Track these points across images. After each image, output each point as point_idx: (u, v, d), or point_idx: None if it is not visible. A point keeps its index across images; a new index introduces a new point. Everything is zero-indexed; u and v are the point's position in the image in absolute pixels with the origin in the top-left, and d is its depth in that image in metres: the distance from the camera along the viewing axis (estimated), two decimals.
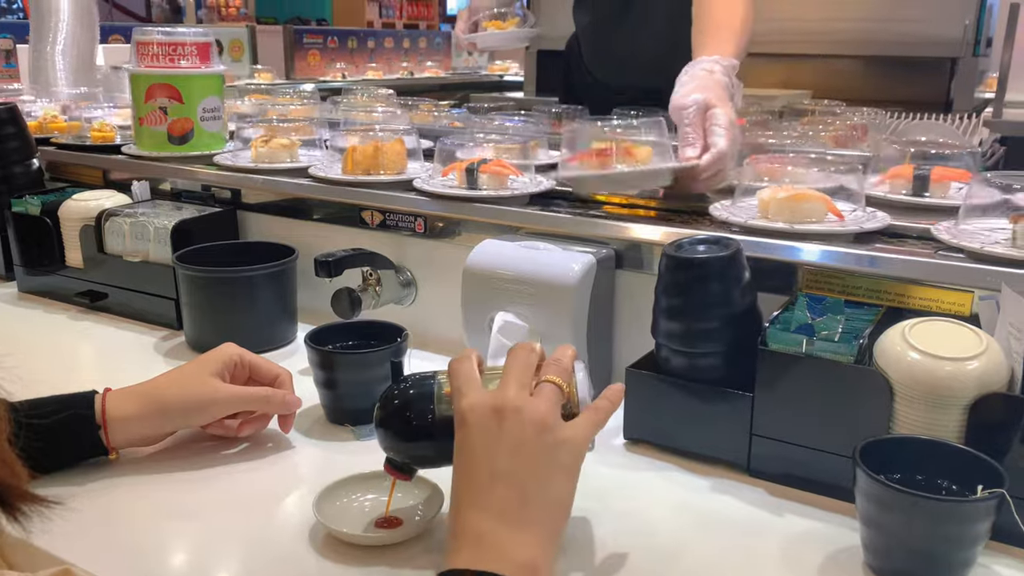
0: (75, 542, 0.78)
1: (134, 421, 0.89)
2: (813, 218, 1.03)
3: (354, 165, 1.33)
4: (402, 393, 0.78)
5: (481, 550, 0.64)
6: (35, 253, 1.46)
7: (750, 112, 1.76)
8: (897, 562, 0.73)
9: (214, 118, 1.54)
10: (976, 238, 0.95)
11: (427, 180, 1.28)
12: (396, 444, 0.78)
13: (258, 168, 1.43)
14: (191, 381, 0.92)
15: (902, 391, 0.79)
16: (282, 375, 0.96)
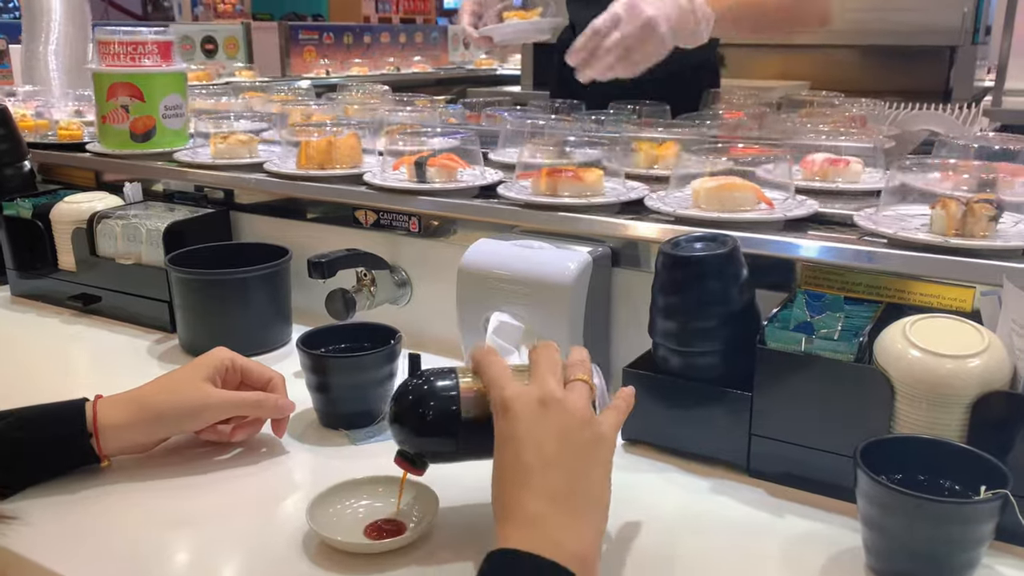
0: (67, 552, 0.77)
1: (126, 429, 0.88)
2: (744, 206, 1.04)
3: (308, 160, 1.35)
4: (419, 387, 0.77)
5: (535, 532, 0.64)
6: (27, 256, 1.45)
7: (748, 104, 1.75)
8: (899, 564, 0.72)
9: (176, 115, 1.56)
10: (894, 224, 0.96)
11: (378, 174, 1.29)
12: (413, 439, 0.76)
13: (216, 164, 1.45)
14: (182, 387, 0.91)
15: (903, 390, 0.78)
16: (275, 379, 0.95)
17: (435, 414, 0.75)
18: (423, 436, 0.76)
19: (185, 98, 1.58)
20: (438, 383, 0.77)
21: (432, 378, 0.77)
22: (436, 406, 0.75)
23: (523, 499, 0.66)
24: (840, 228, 1.02)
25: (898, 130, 1.75)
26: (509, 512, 0.66)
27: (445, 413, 0.75)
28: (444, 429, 0.75)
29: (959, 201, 0.92)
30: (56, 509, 0.83)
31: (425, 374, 0.78)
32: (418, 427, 0.76)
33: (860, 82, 2.96)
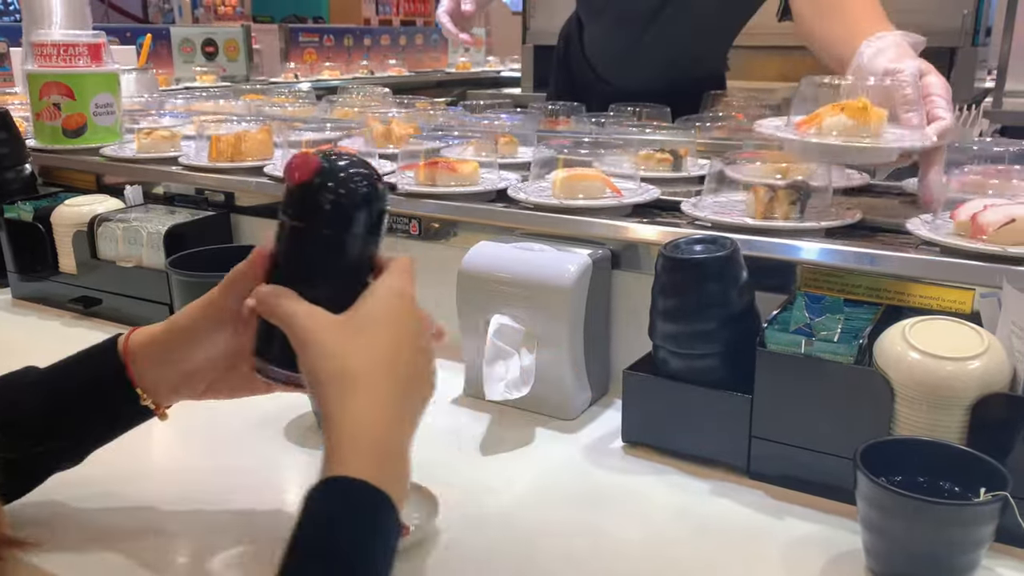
0: (72, 560, 0.77)
1: (158, 348, 0.78)
2: (593, 195, 1.12)
3: (218, 153, 1.44)
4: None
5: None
6: (28, 259, 1.45)
7: (749, 106, 1.75)
8: (899, 567, 0.72)
9: (107, 113, 1.67)
10: (712, 208, 1.06)
11: (279, 167, 1.38)
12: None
13: (137, 157, 1.55)
14: (212, 302, 0.78)
15: (903, 392, 0.78)
16: None
17: None
18: None
19: (117, 96, 1.69)
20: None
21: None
22: None
23: None
24: (672, 213, 1.12)
25: None
26: None
27: None
28: None
29: (768, 187, 1.01)
30: (53, 509, 0.84)
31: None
32: None
33: None
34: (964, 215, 0.93)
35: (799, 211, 1.00)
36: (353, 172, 0.70)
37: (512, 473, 0.92)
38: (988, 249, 0.89)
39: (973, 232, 0.92)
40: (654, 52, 1.88)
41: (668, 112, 1.70)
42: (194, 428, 1.02)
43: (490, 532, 0.81)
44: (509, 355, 1.00)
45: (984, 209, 0.92)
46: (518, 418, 1.03)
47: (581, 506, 0.86)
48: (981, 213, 0.92)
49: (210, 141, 1.46)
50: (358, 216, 0.70)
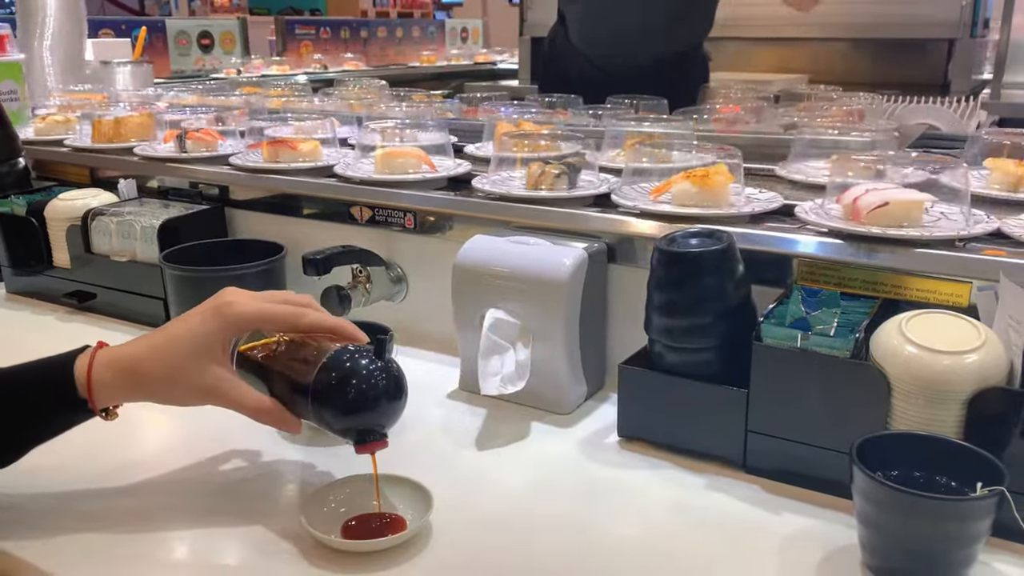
0: (59, 553, 0.77)
1: (116, 394, 0.80)
2: (410, 170, 1.26)
3: (100, 135, 1.59)
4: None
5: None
6: (22, 254, 1.45)
7: (746, 98, 1.74)
8: (895, 561, 0.72)
9: (11, 99, 1.92)
10: (499, 184, 1.18)
11: (150, 146, 1.55)
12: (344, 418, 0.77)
13: (31, 139, 1.70)
14: (184, 369, 0.79)
15: (899, 386, 0.78)
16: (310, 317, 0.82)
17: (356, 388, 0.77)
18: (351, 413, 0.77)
19: (21, 84, 1.92)
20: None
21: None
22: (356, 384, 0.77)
23: None
24: (466, 187, 1.23)
25: (896, 123, 1.74)
26: None
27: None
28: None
29: (539, 163, 1.16)
30: (49, 504, 0.83)
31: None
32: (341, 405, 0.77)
33: (859, 75, 2.96)
34: (847, 199, 0.97)
35: (567, 184, 1.13)
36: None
37: (507, 468, 0.92)
38: (857, 230, 0.93)
39: (852, 215, 0.96)
40: (637, 11, 2.00)
41: (665, 104, 1.69)
42: (185, 423, 1.02)
43: (485, 527, 0.81)
44: (504, 349, 1.00)
45: (865, 193, 0.96)
46: (513, 412, 1.03)
47: (576, 500, 0.86)
48: (861, 196, 0.95)
49: (92, 124, 1.61)
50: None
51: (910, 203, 0.95)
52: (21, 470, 0.81)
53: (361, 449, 0.77)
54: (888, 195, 0.94)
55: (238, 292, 0.82)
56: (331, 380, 0.76)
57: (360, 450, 0.77)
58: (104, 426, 0.82)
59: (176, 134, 1.50)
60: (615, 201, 1.09)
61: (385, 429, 0.78)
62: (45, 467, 0.89)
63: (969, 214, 0.96)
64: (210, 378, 0.79)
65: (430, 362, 1.18)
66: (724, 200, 1.05)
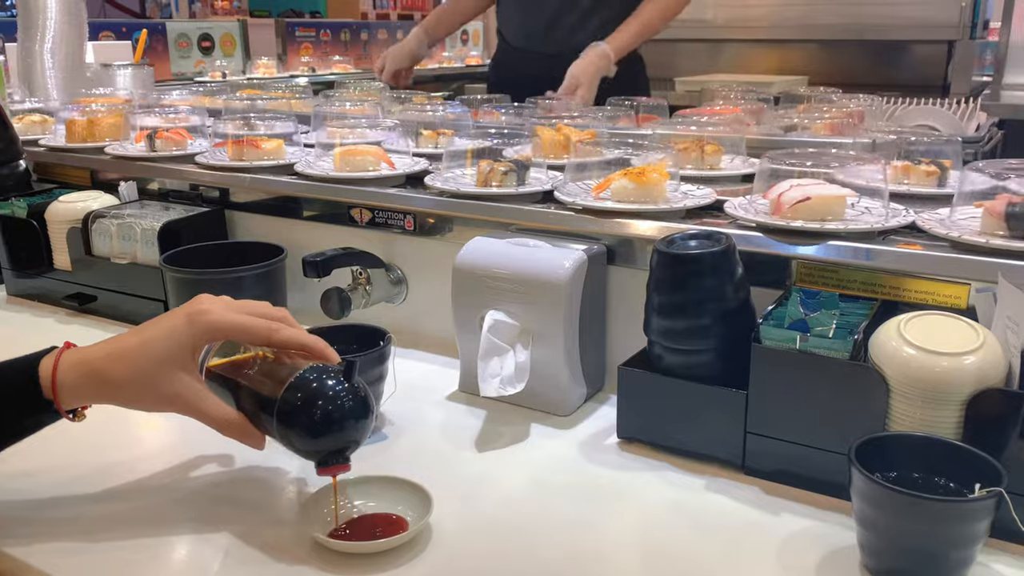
0: (54, 550, 0.77)
1: (80, 397, 0.79)
2: (369, 168, 1.30)
3: (73, 135, 1.64)
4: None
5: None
6: (22, 256, 1.45)
7: (746, 99, 1.74)
8: (894, 562, 0.72)
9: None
10: (449, 182, 1.23)
11: (121, 146, 1.59)
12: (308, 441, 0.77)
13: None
14: (152, 375, 0.78)
15: (898, 387, 0.78)
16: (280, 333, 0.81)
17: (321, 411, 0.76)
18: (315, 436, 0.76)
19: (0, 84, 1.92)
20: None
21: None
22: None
23: None
24: (420, 185, 1.27)
25: (896, 125, 1.74)
26: None
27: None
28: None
29: (489, 161, 1.20)
30: (47, 506, 0.84)
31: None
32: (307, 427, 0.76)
33: (858, 76, 2.96)
34: (773, 194, 1.01)
35: (516, 181, 1.18)
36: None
37: (507, 469, 0.92)
38: (778, 223, 0.97)
39: (776, 210, 0.99)
40: (539, 9, 2.20)
41: (666, 107, 1.69)
42: (179, 425, 1.01)
43: (485, 529, 0.81)
44: (504, 351, 1.00)
45: (789, 189, 1.00)
46: (513, 414, 1.03)
47: (576, 502, 0.86)
48: (785, 192, 0.99)
49: (66, 125, 1.65)
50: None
51: (831, 198, 0.98)
52: (12, 472, 0.81)
53: (323, 472, 0.76)
54: (810, 191, 0.98)
55: (213, 300, 0.82)
56: (297, 400, 0.75)
57: (321, 472, 0.76)
58: (96, 428, 0.82)
59: (147, 134, 1.55)
60: (557, 197, 1.14)
61: (350, 452, 0.77)
62: (36, 470, 0.89)
63: (888, 209, 1.00)
64: (177, 386, 0.78)
65: (430, 364, 1.18)
66: (660, 196, 1.09)
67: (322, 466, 0.76)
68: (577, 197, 1.12)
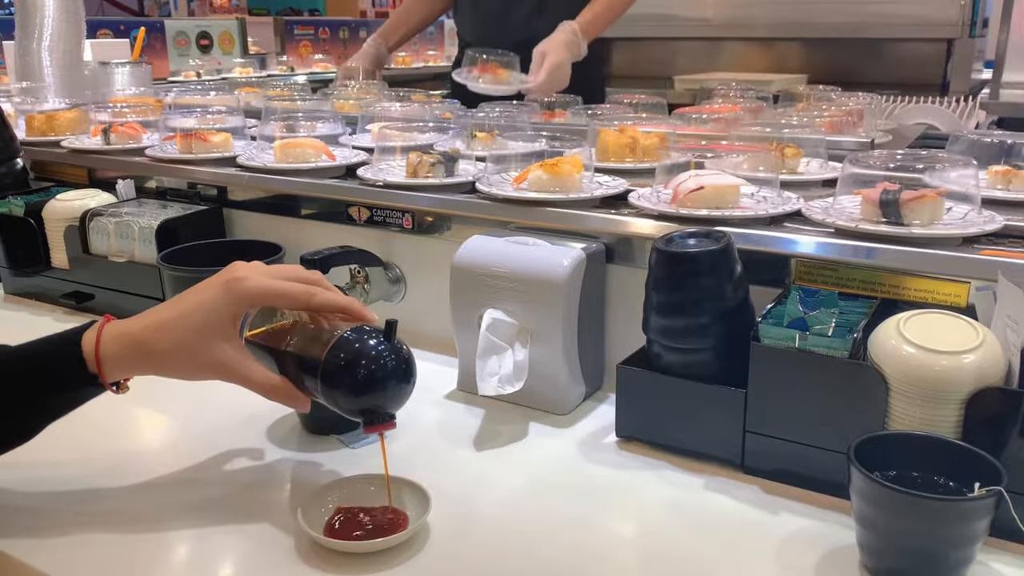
0: (55, 549, 0.77)
1: (125, 368, 0.80)
2: (309, 160, 1.36)
3: (33, 130, 1.74)
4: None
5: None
6: (20, 254, 1.45)
7: (745, 97, 1.74)
8: (893, 561, 0.72)
9: None
10: (380, 173, 1.28)
11: (77, 139, 1.65)
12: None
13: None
14: (193, 346, 0.79)
15: (897, 386, 0.78)
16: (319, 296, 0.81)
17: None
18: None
19: None
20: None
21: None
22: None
23: None
24: (357, 177, 1.30)
25: (895, 124, 1.74)
26: None
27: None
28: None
29: (418, 153, 1.26)
30: (47, 504, 0.83)
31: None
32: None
33: (858, 75, 2.96)
34: (673, 184, 1.07)
35: (444, 173, 1.23)
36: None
37: (505, 468, 0.92)
38: (670, 211, 1.03)
39: (673, 199, 1.05)
40: (490, 6, 2.25)
41: (664, 105, 1.69)
42: (177, 427, 1.02)
43: (483, 528, 0.81)
44: (502, 350, 1.00)
45: (687, 179, 1.05)
46: (512, 413, 1.03)
47: (575, 501, 0.85)
48: (683, 183, 1.05)
49: (26, 119, 1.73)
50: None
51: (724, 187, 1.03)
52: (13, 466, 0.81)
53: (369, 430, 0.77)
54: (704, 180, 1.03)
55: (249, 267, 0.82)
56: (340, 360, 0.76)
57: (368, 431, 0.77)
58: (97, 425, 0.82)
59: (102, 127, 1.61)
60: (477, 187, 1.19)
61: (393, 411, 0.77)
62: (38, 464, 0.89)
63: (780, 196, 1.06)
64: (220, 354, 0.79)
65: (428, 362, 1.18)
66: (575, 186, 1.13)
67: (368, 424, 0.76)
68: (495, 187, 1.17)
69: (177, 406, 1.04)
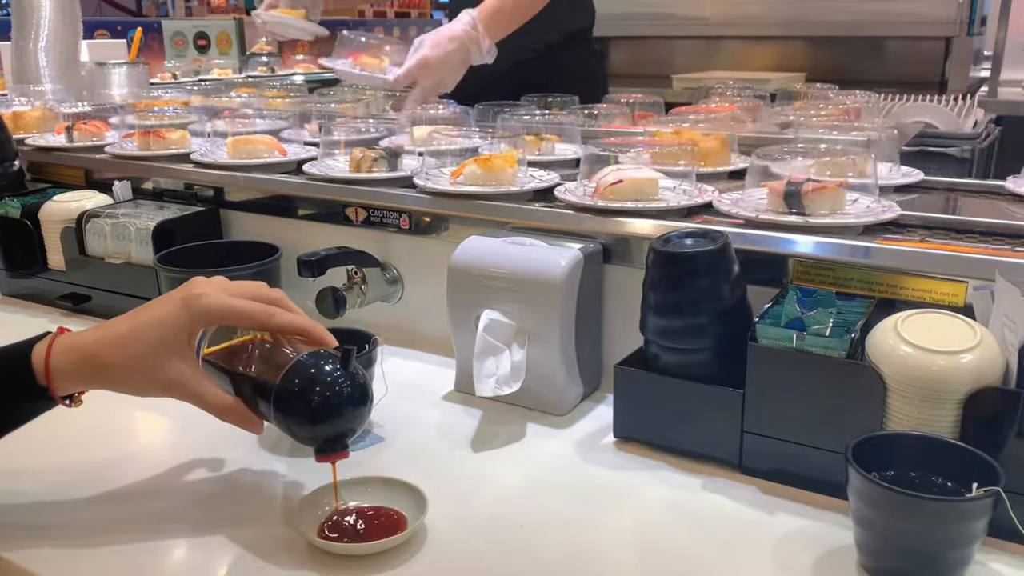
0: (47, 555, 0.77)
1: (74, 382, 0.78)
2: (263, 156, 1.41)
3: (15, 129, 1.76)
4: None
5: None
6: (16, 256, 1.44)
7: (742, 96, 1.74)
8: (891, 562, 0.71)
9: None
10: (325, 168, 1.33)
11: (42, 137, 1.70)
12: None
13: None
14: (145, 361, 0.77)
15: (895, 386, 0.78)
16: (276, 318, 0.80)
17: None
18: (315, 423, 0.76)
19: None
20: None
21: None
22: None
23: None
24: (299, 172, 1.36)
25: (893, 122, 1.74)
26: None
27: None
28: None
29: (361, 148, 1.32)
30: (33, 510, 0.83)
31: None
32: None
33: (856, 73, 2.96)
34: (596, 178, 1.12)
35: (387, 167, 1.29)
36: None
37: (503, 469, 0.92)
38: (587, 203, 1.08)
39: (595, 192, 1.10)
40: None
41: (661, 104, 1.69)
42: (165, 434, 1.02)
43: (480, 529, 0.81)
44: (500, 351, 0.99)
45: (607, 173, 1.10)
46: (509, 414, 1.03)
47: (573, 502, 0.85)
48: (604, 176, 1.10)
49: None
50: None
51: (643, 180, 1.09)
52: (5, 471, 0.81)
53: (322, 459, 0.75)
54: (623, 174, 1.09)
55: (208, 283, 0.81)
56: (294, 387, 0.74)
57: (320, 459, 0.76)
58: (87, 429, 0.81)
59: (66, 126, 1.64)
60: (414, 182, 1.23)
61: (348, 439, 0.76)
62: (28, 469, 0.89)
63: (697, 189, 1.11)
64: (173, 371, 0.78)
65: (425, 363, 1.18)
66: (507, 180, 1.18)
67: (321, 453, 0.75)
68: (430, 181, 1.21)
69: (172, 410, 1.03)
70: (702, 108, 1.61)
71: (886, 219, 0.98)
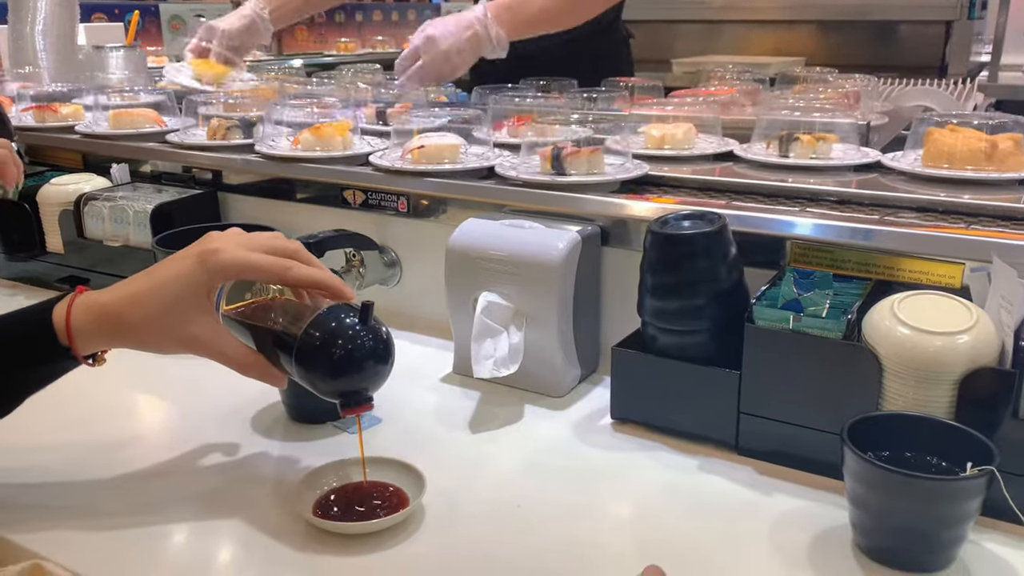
0: (50, 536, 0.77)
1: (96, 341, 0.78)
2: (145, 126, 1.53)
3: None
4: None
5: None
6: (14, 239, 1.44)
7: (741, 80, 1.73)
8: (886, 541, 0.72)
9: None
10: (271, 147, 1.36)
11: (17, 116, 1.70)
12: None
13: None
14: (167, 319, 0.77)
15: (891, 367, 0.78)
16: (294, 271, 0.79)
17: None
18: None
19: None
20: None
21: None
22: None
23: None
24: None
25: (892, 106, 1.74)
26: None
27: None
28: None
29: (219, 118, 1.44)
30: (30, 496, 0.84)
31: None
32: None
33: (856, 57, 2.95)
34: (406, 146, 1.24)
35: (241, 135, 1.42)
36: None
37: (501, 451, 0.92)
38: (397, 166, 1.22)
39: (402, 157, 1.23)
40: None
41: (661, 88, 1.68)
42: (160, 417, 1.02)
43: (478, 510, 0.81)
44: (497, 333, 1.00)
45: (416, 141, 1.23)
46: (507, 396, 1.03)
47: (570, 483, 0.86)
48: (410, 143, 1.23)
49: None
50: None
51: (444, 146, 1.22)
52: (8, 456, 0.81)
53: (347, 412, 0.75)
54: (426, 140, 1.22)
55: (224, 238, 0.80)
56: (316, 340, 0.74)
57: (346, 413, 0.75)
58: (86, 416, 0.81)
59: (37, 108, 1.70)
60: (256, 148, 1.36)
61: (371, 392, 0.76)
62: (26, 450, 0.89)
63: (493, 154, 1.24)
64: (194, 328, 0.77)
65: (424, 346, 1.18)
66: (338, 147, 1.32)
67: (345, 407, 0.75)
68: (266, 147, 1.34)
69: (168, 392, 1.04)
70: (701, 92, 1.60)
71: (632, 177, 1.12)
